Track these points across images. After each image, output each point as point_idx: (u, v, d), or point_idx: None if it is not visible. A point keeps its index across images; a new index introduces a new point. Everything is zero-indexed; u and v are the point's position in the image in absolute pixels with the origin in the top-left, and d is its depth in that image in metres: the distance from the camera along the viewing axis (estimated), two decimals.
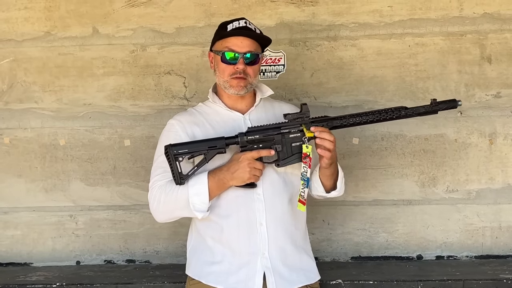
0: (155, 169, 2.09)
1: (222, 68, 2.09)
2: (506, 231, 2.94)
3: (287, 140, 2.03)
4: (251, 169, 1.98)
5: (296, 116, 2.02)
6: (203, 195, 1.97)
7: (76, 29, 3.01)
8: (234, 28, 2.08)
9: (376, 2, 2.93)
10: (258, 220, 2.04)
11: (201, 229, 2.11)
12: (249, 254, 2.04)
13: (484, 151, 2.94)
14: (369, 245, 3.00)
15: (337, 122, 2.04)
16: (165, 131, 2.15)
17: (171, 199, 1.99)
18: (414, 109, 2.06)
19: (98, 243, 3.07)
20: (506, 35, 2.89)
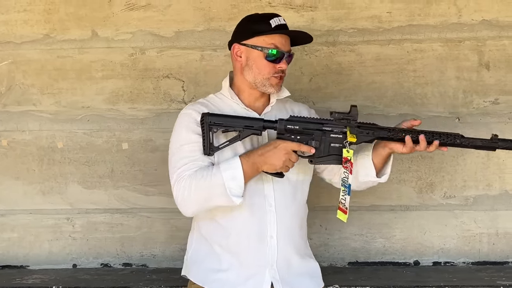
0: (178, 159, 1.95)
1: (262, 65, 1.98)
2: (503, 237, 2.95)
3: (327, 139, 1.95)
4: (286, 159, 1.90)
5: (343, 117, 1.95)
6: (239, 179, 1.87)
7: (75, 32, 3.01)
8: (278, 25, 1.99)
9: (375, 8, 2.94)
10: (269, 233, 2.00)
11: (208, 235, 2.05)
12: (258, 266, 2.00)
13: (482, 158, 2.94)
14: (366, 250, 3.00)
15: (384, 134, 1.97)
16: (183, 121, 2.00)
17: (205, 186, 1.87)
18: (471, 140, 1.99)
19: (95, 246, 3.07)
20: (504, 42, 2.91)
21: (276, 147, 1.91)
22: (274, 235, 1.99)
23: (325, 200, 2.97)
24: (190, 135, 1.96)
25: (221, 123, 1.92)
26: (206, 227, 2.04)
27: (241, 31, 2.04)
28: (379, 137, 1.97)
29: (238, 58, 2.02)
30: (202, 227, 2.06)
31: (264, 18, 2.01)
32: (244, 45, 2.00)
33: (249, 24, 2.03)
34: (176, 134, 2.00)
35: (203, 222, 2.05)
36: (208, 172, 1.88)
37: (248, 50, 2.00)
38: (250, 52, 1.99)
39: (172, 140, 2.01)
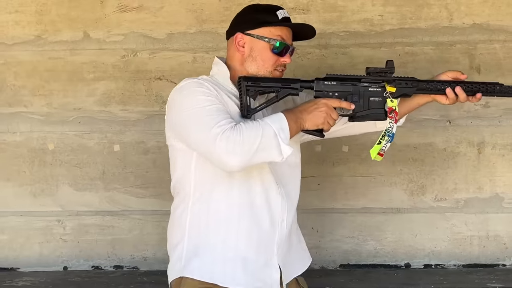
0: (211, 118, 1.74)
1: (267, 57, 1.91)
2: (494, 240, 2.96)
3: (366, 93, 1.91)
4: (327, 115, 1.85)
5: (379, 70, 1.91)
6: (286, 130, 1.76)
7: (67, 34, 3.00)
8: (284, 17, 1.93)
9: (367, 11, 2.95)
10: (280, 217, 1.92)
11: (211, 222, 1.87)
12: (268, 253, 1.90)
13: (473, 161, 2.96)
14: (357, 253, 3.01)
15: (423, 85, 1.92)
16: (196, 87, 1.82)
17: (256, 135, 1.71)
18: (510, 87, 1.93)
19: (85, 249, 3.06)
20: (495, 45, 2.92)
21: (317, 103, 1.86)
22: (285, 219, 1.94)
23: (317, 203, 2.98)
24: (210, 98, 1.79)
25: (259, 84, 1.86)
26: (211, 216, 1.87)
27: (246, 21, 1.94)
28: (419, 89, 1.93)
29: (241, 48, 1.93)
30: (204, 216, 1.88)
31: (271, 9, 1.95)
32: (249, 35, 1.91)
33: (255, 14, 1.95)
34: (192, 99, 1.80)
35: (204, 207, 1.88)
36: (255, 123, 1.74)
37: (252, 41, 1.91)
38: (255, 43, 1.91)
39: (188, 105, 1.80)
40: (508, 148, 2.94)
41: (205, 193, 1.88)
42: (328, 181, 2.99)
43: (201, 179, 1.88)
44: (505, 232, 2.95)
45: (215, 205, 1.87)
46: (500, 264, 2.95)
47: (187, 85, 1.85)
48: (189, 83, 1.86)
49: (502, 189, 2.94)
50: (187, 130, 1.80)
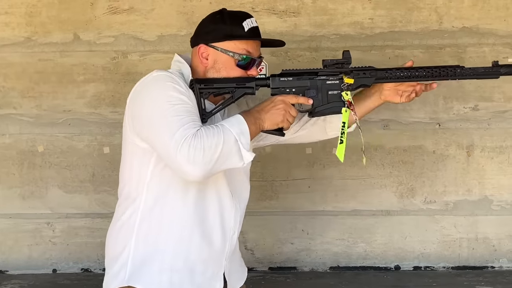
0: (176, 120, 1.65)
1: (232, 71, 1.83)
2: (483, 242, 2.98)
3: (324, 87, 1.85)
4: (286, 112, 1.77)
5: (336, 62, 1.86)
6: (246, 134, 1.68)
7: (57, 35, 2.99)
8: (251, 28, 1.84)
9: (357, 15, 2.96)
10: (231, 227, 1.86)
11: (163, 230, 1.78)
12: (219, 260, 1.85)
13: (462, 163, 2.98)
14: (347, 255, 3.02)
15: (382, 74, 1.85)
16: (167, 81, 1.74)
17: (217, 143, 1.63)
18: (472, 69, 1.87)
19: (75, 251, 3.04)
20: (484, 49, 2.94)
21: (274, 101, 1.78)
22: (236, 231, 1.88)
23: (307, 205, 2.99)
24: (181, 96, 1.71)
25: (212, 86, 1.79)
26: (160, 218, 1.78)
27: (210, 32, 1.86)
28: (378, 78, 1.87)
29: (204, 60, 1.85)
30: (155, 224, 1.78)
31: (236, 20, 1.84)
32: (212, 47, 1.83)
33: (221, 24, 1.85)
34: (162, 92, 1.71)
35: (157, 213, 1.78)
36: (214, 129, 1.65)
37: (216, 53, 1.83)
38: (219, 55, 1.83)
39: (156, 101, 1.71)
40: (497, 151, 2.96)
41: (159, 199, 1.78)
42: (318, 184, 2.99)
43: (158, 183, 1.78)
44: (494, 235, 2.97)
45: (169, 212, 1.78)
46: (489, 266, 2.97)
47: (159, 77, 1.76)
48: (161, 75, 1.76)
49: (491, 192, 2.96)
50: (151, 125, 1.70)
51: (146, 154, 1.77)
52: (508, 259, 2.96)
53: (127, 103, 1.82)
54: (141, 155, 1.79)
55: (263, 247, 3.01)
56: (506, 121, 2.95)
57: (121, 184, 1.90)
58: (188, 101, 1.71)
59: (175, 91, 1.71)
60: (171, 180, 1.76)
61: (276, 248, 3.01)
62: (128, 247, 1.78)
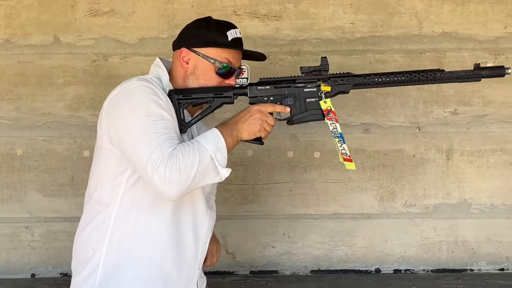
0: (155, 137, 1.65)
1: (211, 77, 1.85)
2: (462, 245, 3.01)
3: (302, 95, 1.86)
4: (263, 122, 1.79)
5: (313, 69, 1.87)
6: (223, 149, 1.69)
7: (36, 37, 2.96)
8: (235, 39, 1.87)
9: (338, 19, 2.98)
10: (204, 237, 1.89)
11: (138, 236, 1.78)
12: (191, 270, 1.88)
13: (441, 167, 3.00)
14: (328, 258, 3.03)
15: (360, 80, 1.86)
16: (147, 93, 1.72)
17: (192, 162, 1.64)
18: (453, 73, 1.87)
19: (54, 256, 3.01)
20: (463, 53, 2.98)
21: (250, 111, 1.80)
22: (208, 241, 1.91)
23: (288, 208, 2.99)
24: (161, 111, 1.71)
25: (190, 96, 1.80)
26: (135, 224, 1.78)
27: (194, 37, 1.87)
28: (355, 84, 1.88)
29: (184, 64, 1.86)
30: (128, 224, 1.78)
31: (221, 29, 1.87)
32: (194, 52, 1.85)
33: (205, 30, 1.86)
34: (142, 106, 1.70)
35: (132, 219, 1.78)
36: (190, 147, 1.66)
37: (197, 59, 1.85)
38: (200, 61, 1.85)
39: (136, 114, 1.70)
40: (475, 154, 2.99)
41: (134, 208, 1.78)
42: (299, 187, 3.00)
43: (133, 193, 1.78)
44: (473, 238, 3.00)
45: (144, 222, 1.78)
46: (468, 269, 3.00)
47: (140, 88, 1.74)
48: (141, 85, 1.74)
49: (470, 195, 2.99)
50: (128, 140, 1.69)
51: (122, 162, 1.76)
52: (487, 262, 2.99)
53: (104, 106, 1.80)
54: (117, 162, 1.78)
55: (245, 250, 3.01)
56: (485, 125, 2.99)
57: (91, 186, 1.87)
58: (167, 116, 1.72)
59: (155, 105, 1.71)
60: (146, 190, 1.76)
61: (257, 252, 3.01)
62: (100, 252, 1.78)
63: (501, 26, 2.97)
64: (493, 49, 2.97)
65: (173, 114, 1.76)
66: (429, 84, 1.91)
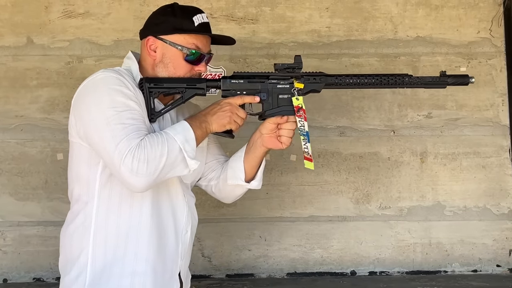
0: (121, 128, 1.62)
1: (180, 65, 1.81)
2: (436, 247, 3.04)
3: (275, 91, 1.86)
4: (233, 114, 1.78)
5: (287, 66, 1.87)
6: (192, 141, 1.68)
7: (9, 39, 2.92)
8: (202, 24, 1.82)
9: (314, 23, 2.99)
10: (184, 227, 1.86)
11: (121, 232, 1.76)
12: (173, 262, 1.85)
13: (416, 170, 3.04)
14: (304, 261, 3.03)
15: (332, 80, 1.89)
16: (114, 83, 1.69)
17: (161, 153, 1.62)
18: (420, 78, 1.91)
19: (27, 260, 2.96)
20: (437, 58, 3.02)
21: (219, 103, 1.79)
22: (188, 230, 1.87)
23: (264, 211, 2.99)
24: (127, 101, 1.68)
25: (162, 85, 1.77)
26: (117, 220, 1.75)
27: (159, 24, 1.83)
28: (327, 84, 1.90)
29: (152, 52, 1.82)
30: (110, 220, 1.75)
31: (187, 14, 1.82)
32: (161, 40, 1.81)
33: (171, 17, 1.82)
34: (107, 97, 1.67)
35: (114, 215, 1.75)
36: (159, 138, 1.64)
37: (165, 46, 1.81)
38: (168, 49, 1.81)
39: (101, 106, 1.66)
40: (449, 157, 3.03)
41: (114, 205, 1.75)
42: (276, 190, 3.00)
43: (109, 189, 1.75)
44: (446, 240, 3.03)
45: (126, 218, 1.75)
46: (442, 270, 3.03)
47: (106, 79, 1.71)
48: (108, 77, 1.71)
49: (444, 198, 3.03)
50: (95, 132, 1.67)
51: (93, 156, 1.74)
52: (460, 263, 3.03)
53: (72, 102, 1.78)
54: (88, 156, 1.75)
55: (221, 254, 3.00)
56: (458, 129, 3.03)
57: (70, 186, 1.84)
58: (134, 106, 1.69)
59: (121, 96, 1.68)
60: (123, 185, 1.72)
61: (233, 255, 3.01)
62: (86, 251, 1.75)
63: (474, 31, 3.02)
64: (466, 53, 3.02)
65: (142, 103, 1.74)
66: (397, 88, 1.94)
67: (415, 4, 3.02)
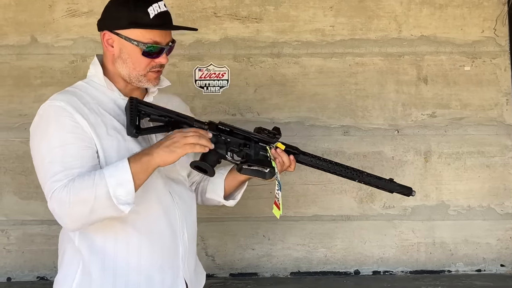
0: (49, 166, 1.60)
1: (138, 60, 1.71)
2: (440, 247, 3.03)
3: (256, 146, 1.86)
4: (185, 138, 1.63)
5: (268, 132, 1.89)
6: (127, 183, 1.58)
7: (13, 38, 2.92)
8: (158, 14, 1.71)
9: (318, 22, 2.99)
10: (180, 229, 1.79)
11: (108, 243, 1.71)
12: (173, 268, 1.79)
13: (420, 169, 3.03)
14: (308, 260, 3.03)
15: (304, 158, 1.96)
16: (53, 115, 1.65)
17: (86, 197, 1.55)
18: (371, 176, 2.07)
19: (30, 259, 2.96)
20: (441, 57, 3.01)
21: (169, 135, 1.67)
22: (185, 232, 1.80)
23: (268, 211, 2.98)
24: (63, 135, 1.63)
25: (150, 110, 1.71)
26: (103, 230, 1.70)
27: (113, 17, 1.72)
28: (298, 161, 1.98)
29: (110, 47, 1.72)
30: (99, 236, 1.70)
31: (141, 5, 1.70)
32: (116, 35, 1.70)
33: (125, 10, 1.70)
34: (45, 132, 1.64)
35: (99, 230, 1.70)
36: (89, 180, 1.57)
37: (121, 41, 1.70)
38: (124, 44, 1.70)
39: (39, 141, 1.65)
40: (453, 157, 3.02)
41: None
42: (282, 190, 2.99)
43: None
44: (450, 239, 3.03)
45: (109, 223, 1.67)
46: (446, 270, 3.03)
47: (46, 111, 1.68)
48: (51, 106, 1.67)
49: (448, 197, 3.02)
50: (36, 168, 1.68)
51: None
52: (464, 263, 3.03)
53: None
54: None
55: (224, 253, 3.00)
56: (463, 128, 3.02)
57: None
58: (70, 139, 1.63)
59: (57, 129, 1.63)
60: None
61: (237, 254, 3.00)
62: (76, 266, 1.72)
63: (479, 30, 3.02)
64: (470, 52, 3.01)
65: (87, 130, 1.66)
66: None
67: (419, 3, 3.01)
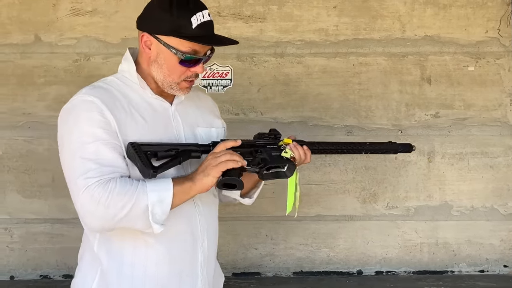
0: (82, 162, 1.54)
1: (174, 67, 1.67)
2: (443, 247, 3.03)
3: (267, 149, 1.81)
4: (214, 159, 1.62)
5: (267, 135, 1.86)
6: (166, 202, 1.56)
7: (17, 36, 2.92)
8: (201, 25, 1.65)
9: (322, 22, 2.98)
10: (200, 237, 1.75)
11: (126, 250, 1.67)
12: (192, 275, 1.76)
13: (423, 169, 3.03)
14: (311, 260, 3.03)
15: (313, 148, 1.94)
16: (83, 109, 1.59)
17: (124, 204, 1.52)
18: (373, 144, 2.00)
19: (34, 258, 2.97)
20: (445, 57, 3.00)
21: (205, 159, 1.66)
22: (205, 239, 1.76)
23: (271, 211, 2.98)
24: (95, 130, 1.57)
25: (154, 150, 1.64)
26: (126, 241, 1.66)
27: (155, 21, 1.67)
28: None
29: (147, 49, 1.68)
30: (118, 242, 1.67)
31: (185, 13, 1.64)
32: (156, 39, 1.66)
33: (165, 15, 1.65)
34: (75, 126, 1.59)
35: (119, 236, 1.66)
36: (131, 188, 1.54)
37: (159, 46, 1.66)
38: (162, 49, 1.66)
39: (69, 135, 1.60)
40: (456, 157, 3.02)
41: (111, 234, 1.65)
42: (282, 189, 2.97)
43: None
44: (453, 240, 3.03)
45: (129, 230, 1.62)
46: (449, 270, 3.02)
47: (76, 106, 1.62)
48: (79, 101, 1.62)
49: (451, 197, 3.02)
50: (62, 164, 1.62)
51: None
52: (467, 263, 3.02)
53: None
54: None
55: (227, 252, 3.00)
56: (466, 128, 3.02)
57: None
58: (102, 135, 1.58)
59: (89, 124, 1.58)
60: None
61: (240, 254, 3.01)
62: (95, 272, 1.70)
63: (483, 30, 3.01)
64: (474, 53, 3.01)
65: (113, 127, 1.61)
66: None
67: (423, 3, 3.01)
